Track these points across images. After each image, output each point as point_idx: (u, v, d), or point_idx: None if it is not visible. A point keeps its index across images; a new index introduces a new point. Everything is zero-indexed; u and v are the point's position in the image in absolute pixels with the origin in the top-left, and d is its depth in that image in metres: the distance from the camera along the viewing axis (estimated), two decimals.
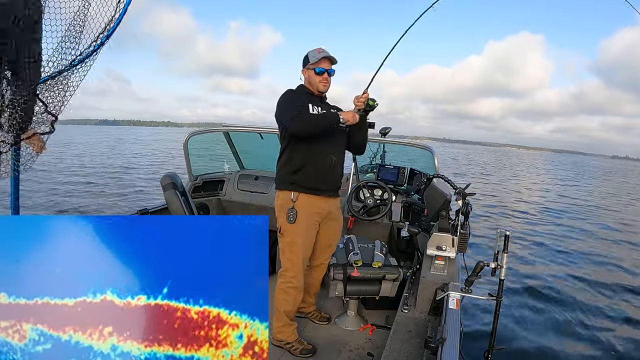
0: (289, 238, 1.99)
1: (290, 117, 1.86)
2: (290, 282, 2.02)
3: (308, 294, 2.34)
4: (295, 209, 1.95)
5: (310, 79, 2.00)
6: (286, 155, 2.00)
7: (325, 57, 1.96)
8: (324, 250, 2.19)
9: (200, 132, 3.40)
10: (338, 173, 2.08)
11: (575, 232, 8.03)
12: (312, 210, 1.99)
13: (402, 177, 3.15)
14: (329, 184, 2.05)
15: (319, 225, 2.06)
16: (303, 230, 1.98)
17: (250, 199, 3.32)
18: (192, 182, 3.31)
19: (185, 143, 3.27)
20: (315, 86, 2.00)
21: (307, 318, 2.43)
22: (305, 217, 1.97)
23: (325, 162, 1.99)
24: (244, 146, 3.80)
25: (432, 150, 3.12)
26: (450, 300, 1.64)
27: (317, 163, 1.97)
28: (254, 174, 3.46)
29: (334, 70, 2.01)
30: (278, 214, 2.02)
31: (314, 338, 2.22)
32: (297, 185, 1.96)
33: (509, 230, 1.70)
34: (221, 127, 3.49)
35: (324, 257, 2.22)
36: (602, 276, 5.22)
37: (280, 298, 2.05)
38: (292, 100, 1.95)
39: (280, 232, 2.02)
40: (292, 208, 1.95)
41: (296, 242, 1.98)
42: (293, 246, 1.99)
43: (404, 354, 1.53)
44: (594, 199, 14.52)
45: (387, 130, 3.03)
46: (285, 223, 1.98)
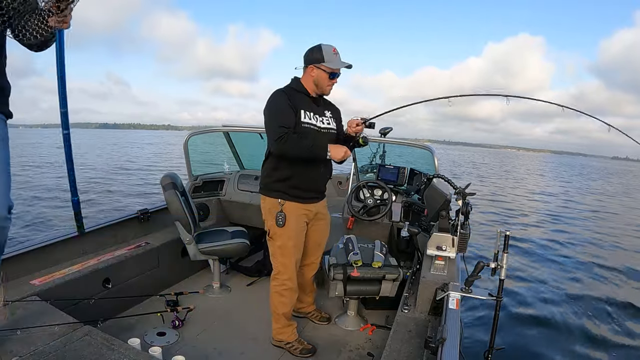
0: (279, 242, 1.97)
1: (274, 137, 1.75)
2: (285, 285, 2.01)
3: (305, 294, 2.34)
4: (284, 212, 1.92)
5: (319, 79, 1.86)
6: (272, 162, 1.92)
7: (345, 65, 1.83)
8: (314, 249, 2.18)
9: (200, 132, 3.40)
10: (326, 178, 2.06)
11: (575, 232, 8.02)
12: (301, 213, 1.97)
13: (402, 177, 3.15)
14: (317, 191, 2.03)
15: (307, 226, 2.04)
16: (293, 233, 1.96)
17: (250, 199, 3.32)
18: (192, 182, 3.31)
19: (185, 143, 3.27)
20: (322, 88, 1.89)
21: (307, 318, 2.43)
22: (295, 220, 1.95)
23: (314, 172, 1.95)
24: (244, 146, 3.80)
25: (432, 150, 3.12)
26: (450, 300, 1.64)
27: (305, 173, 1.92)
28: (253, 174, 3.46)
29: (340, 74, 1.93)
30: (266, 217, 2.00)
31: (314, 338, 2.22)
32: (284, 194, 1.92)
33: (509, 230, 1.69)
34: (221, 127, 3.49)
35: (315, 256, 2.22)
36: (604, 274, 5.22)
37: (277, 301, 2.04)
38: (280, 110, 1.79)
39: (270, 235, 1.99)
40: (280, 212, 1.92)
41: (287, 245, 1.96)
42: (285, 249, 1.97)
43: (404, 354, 1.53)
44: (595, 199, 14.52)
45: (387, 130, 3.03)
46: (274, 226, 1.94)
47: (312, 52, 1.83)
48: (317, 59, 1.81)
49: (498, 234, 1.72)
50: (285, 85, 1.93)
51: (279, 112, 1.79)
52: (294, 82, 1.91)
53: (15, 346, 1.41)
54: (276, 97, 1.83)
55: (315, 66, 1.82)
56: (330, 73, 1.83)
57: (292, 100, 1.82)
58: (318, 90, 1.89)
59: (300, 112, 1.83)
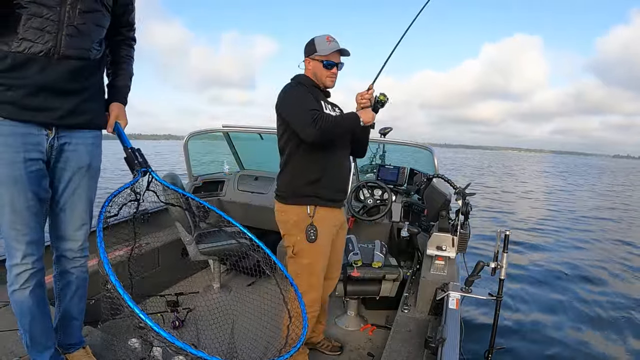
0: (307, 260, 1.70)
1: (308, 121, 1.52)
2: (310, 308, 1.70)
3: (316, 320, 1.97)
4: (315, 226, 1.66)
5: (317, 71, 1.71)
6: (297, 163, 1.69)
7: (337, 50, 1.67)
8: (335, 264, 1.91)
9: (200, 133, 3.40)
10: (350, 177, 1.90)
11: (575, 232, 8.02)
12: (331, 223, 1.75)
13: (402, 177, 3.15)
14: (344, 192, 1.82)
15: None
16: (324, 248, 1.72)
17: (250, 200, 3.32)
18: (192, 182, 3.31)
19: (185, 143, 3.27)
20: (322, 81, 1.72)
21: (316, 349, 2.11)
22: (327, 233, 1.71)
23: (341, 170, 1.78)
24: (243, 147, 3.80)
25: (431, 150, 3.12)
26: (450, 300, 1.64)
27: (334, 171, 1.73)
28: (254, 175, 3.46)
29: (344, 64, 1.74)
30: (289, 230, 1.72)
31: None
32: (316, 198, 1.68)
33: (509, 230, 1.70)
34: (221, 127, 3.49)
35: (335, 272, 1.94)
36: (602, 276, 5.21)
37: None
38: (304, 98, 1.62)
39: (294, 252, 1.71)
40: (311, 224, 1.66)
41: (317, 263, 1.71)
42: (314, 268, 1.71)
43: (404, 354, 1.53)
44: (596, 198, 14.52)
45: (387, 130, 3.02)
46: (303, 242, 1.68)
47: (307, 46, 1.73)
48: (310, 51, 1.71)
49: (498, 233, 1.73)
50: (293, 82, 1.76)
51: (302, 99, 1.62)
52: (300, 77, 1.75)
53: (15, 346, 1.41)
54: (293, 88, 1.69)
55: (310, 58, 1.71)
56: (324, 62, 1.68)
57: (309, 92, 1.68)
58: (319, 83, 1.74)
59: (321, 103, 1.68)
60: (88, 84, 1.21)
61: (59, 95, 1.14)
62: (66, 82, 1.14)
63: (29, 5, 1.05)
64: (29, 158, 1.13)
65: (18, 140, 1.11)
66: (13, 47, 1.06)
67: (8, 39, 1.07)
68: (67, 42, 1.11)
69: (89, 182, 1.29)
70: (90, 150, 1.27)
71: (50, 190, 1.22)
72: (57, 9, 1.09)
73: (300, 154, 1.66)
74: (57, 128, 1.18)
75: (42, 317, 1.26)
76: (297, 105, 1.60)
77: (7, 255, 1.18)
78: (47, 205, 1.23)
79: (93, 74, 1.23)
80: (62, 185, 1.24)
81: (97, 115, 1.28)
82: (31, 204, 1.14)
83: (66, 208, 1.27)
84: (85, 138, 1.25)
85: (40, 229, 1.20)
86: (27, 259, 1.18)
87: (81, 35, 1.14)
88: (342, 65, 1.73)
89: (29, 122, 1.12)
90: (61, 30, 1.10)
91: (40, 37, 1.08)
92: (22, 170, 1.12)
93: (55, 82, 1.12)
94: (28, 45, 1.07)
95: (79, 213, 1.29)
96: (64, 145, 1.21)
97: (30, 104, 1.11)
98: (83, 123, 1.23)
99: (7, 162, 1.10)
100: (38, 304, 1.24)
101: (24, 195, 1.13)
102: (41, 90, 1.11)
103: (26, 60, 1.08)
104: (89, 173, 1.29)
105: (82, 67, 1.16)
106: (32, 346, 1.27)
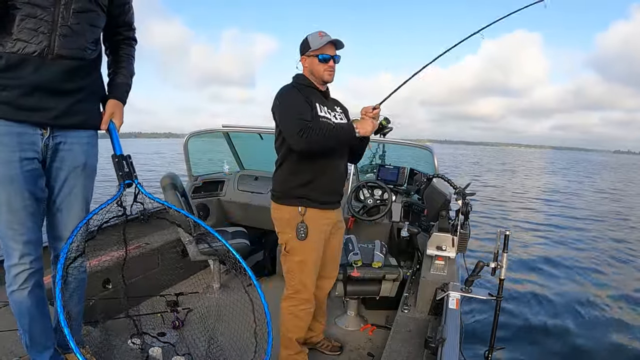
0: (299, 257, 1.73)
1: (295, 131, 1.53)
2: (304, 306, 1.77)
3: (315, 320, 1.98)
4: (306, 224, 1.69)
5: (313, 68, 1.69)
6: (290, 164, 1.70)
7: (330, 41, 1.65)
8: (331, 263, 1.93)
9: (200, 133, 3.40)
10: (344, 180, 1.89)
11: (576, 232, 8.01)
12: (322, 222, 1.76)
13: (402, 177, 3.15)
14: (338, 194, 1.82)
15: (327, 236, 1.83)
16: (315, 245, 1.74)
17: (250, 200, 3.32)
18: (192, 182, 3.31)
19: (185, 143, 3.27)
20: (319, 76, 1.70)
21: (316, 349, 2.10)
22: (317, 231, 1.73)
23: (336, 173, 1.77)
24: (243, 146, 3.80)
25: (431, 150, 3.12)
26: (450, 300, 1.64)
27: (328, 174, 1.73)
28: (253, 175, 3.46)
29: (340, 57, 1.72)
30: (282, 229, 1.75)
31: None
32: (307, 200, 1.70)
33: (509, 230, 1.69)
34: (221, 127, 3.49)
35: (332, 271, 1.96)
36: (603, 275, 5.21)
37: (292, 324, 1.80)
38: (296, 104, 1.62)
39: (287, 250, 1.74)
40: (301, 222, 1.69)
41: (308, 261, 1.74)
42: (305, 265, 1.74)
43: (404, 354, 1.53)
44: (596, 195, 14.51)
45: (387, 130, 3.03)
46: (293, 240, 1.71)
47: (301, 44, 1.73)
48: (305, 49, 1.70)
49: (498, 233, 1.72)
50: (290, 83, 1.78)
51: (294, 105, 1.62)
52: (298, 77, 1.76)
53: (15, 346, 1.41)
54: (287, 91, 1.68)
55: (306, 56, 1.70)
56: (319, 56, 1.66)
57: (303, 94, 1.68)
58: (317, 79, 1.73)
59: (315, 106, 1.68)
60: (83, 84, 1.21)
61: (53, 95, 1.14)
62: (61, 82, 1.14)
63: (23, 6, 1.05)
64: (24, 157, 1.13)
65: (14, 139, 1.11)
66: (7, 48, 1.07)
67: (2, 39, 1.07)
68: (61, 42, 1.11)
69: (85, 181, 1.29)
70: (85, 149, 1.27)
71: (47, 190, 1.22)
72: (50, 10, 1.09)
73: (294, 155, 1.66)
74: (52, 128, 1.18)
75: (41, 318, 1.26)
76: (288, 112, 1.61)
77: (4, 255, 1.18)
78: (44, 205, 1.22)
79: (88, 74, 1.23)
80: (58, 185, 1.24)
81: (92, 116, 1.27)
82: (28, 203, 1.14)
83: (63, 208, 1.27)
84: (81, 137, 1.25)
85: (37, 229, 1.20)
86: (24, 258, 1.17)
87: (75, 35, 1.14)
88: (338, 58, 1.71)
89: (24, 122, 1.12)
90: (55, 31, 1.10)
91: (34, 37, 1.08)
92: (18, 170, 1.12)
93: (50, 82, 1.12)
94: (22, 46, 1.07)
95: (76, 213, 1.29)
96: (59, 145, 1.21)
97: (25, 104, 1.11)
98: (77, 123, 1.22)
99: (3, 162, 1.10)
100: (37, 305, 1.24)
101: (20, 195, 1.12)
102: (36, 90, 1.11)
103: (20, 60, 1.08)
104: (84, 172, 1.28)
105: (76, 67, 1.16)
106: (32, 346, 1.27)
